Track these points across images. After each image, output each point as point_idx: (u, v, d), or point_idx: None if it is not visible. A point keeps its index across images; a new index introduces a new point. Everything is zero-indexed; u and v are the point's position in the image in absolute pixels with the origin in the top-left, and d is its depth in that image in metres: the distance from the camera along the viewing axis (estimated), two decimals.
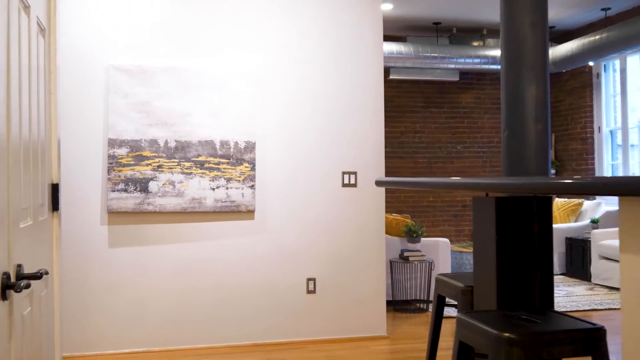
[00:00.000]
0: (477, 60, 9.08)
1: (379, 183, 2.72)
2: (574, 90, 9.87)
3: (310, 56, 4.96)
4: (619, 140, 9.75)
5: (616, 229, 7.57)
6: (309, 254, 4.92)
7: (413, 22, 9.00)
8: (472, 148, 10.28)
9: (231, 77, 4.79)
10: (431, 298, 6.21)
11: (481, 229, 2.17)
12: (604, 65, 9.50)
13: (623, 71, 9.07)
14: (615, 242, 7.19)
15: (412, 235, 6.04)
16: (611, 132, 9.53)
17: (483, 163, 10.32)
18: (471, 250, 7.29)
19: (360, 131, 5.02)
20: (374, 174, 5.03)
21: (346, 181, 4.98)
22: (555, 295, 6.79)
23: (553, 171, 10.16)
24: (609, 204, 8.91)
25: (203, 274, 4.74)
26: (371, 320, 5.02)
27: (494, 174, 10.37)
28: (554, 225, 8.31)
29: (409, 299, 6.15)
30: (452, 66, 9.08)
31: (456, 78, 9.49)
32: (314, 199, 4.93)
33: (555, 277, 7.98)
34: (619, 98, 9.31)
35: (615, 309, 6.10)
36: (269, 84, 4.89)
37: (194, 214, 4.73)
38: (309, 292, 4.91)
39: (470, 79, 10.18)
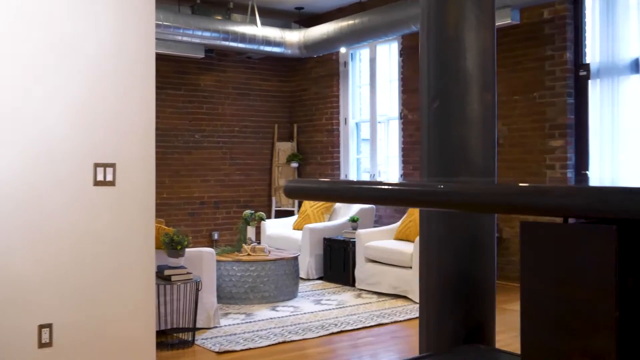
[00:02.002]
0: (225, 36, 7.90)
1: (291, 191, 1.36)
2: (320, 78, 9.24)
3: (57, 5, 3.29)
4: (363, 133, 9.37)
5: (382, 229, 7.01)
6: (43, 288, 3.25)
7: None
8: (211, 138, 9.08)
9: None
10: (198, 325, 4.88)
11: (557, 287, 1.00)
12: (351, 54, 9.01)
13: (372, 61, 8.64)
14: (383, 244, 6.59)
15: (174, 247, 4.63)
16: (357, 124, 9.10)
17: (223, 155, 9.19)
18: (231, 258, 6.09)
19: (122, 109, 3.49)
20: (140, 167, 3.55)
21: (100, 177, 3.42)
22: (327, 306, 5.92)
23: (296, 165, 9.44)
24: None
25: None
26: None
27: (235, 168, 9.29)
28: (309, 226, 7.50)
29: (167, 327, 4.74)
30: (197, 40, 7.77)
31: (202, 55, 8.18)
32: (52, 203, 3.28)
33: (313, 282, 7.17)
34: (365, 89, 8.89)
35: (400, 321, 5.42)
36: None
37: None
38: (42, 345, 3.25)
39: (212, 59, 8.96)
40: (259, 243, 6.56)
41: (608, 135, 6.03)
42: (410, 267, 6.18)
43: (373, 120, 8.65)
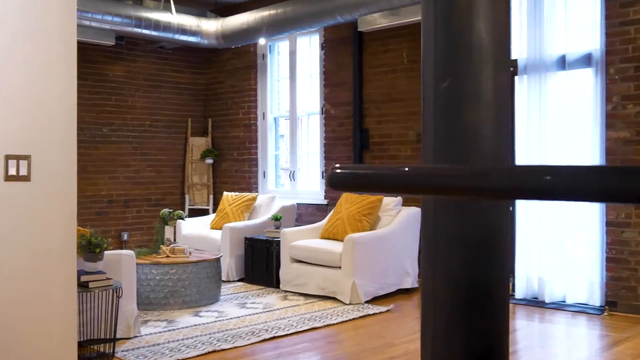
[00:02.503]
0: (138, 23, 7.38)
1: (340, 180, 1.01)
2: (237, 71, 8.86)
3: None
4: (282, 129, 9.08)
5: (307, 228, 6.73)
6: None
7: None
8: (120, 132, 8.52)
9: None
10: (117, 335, 4.42)
11: None
12: (270, 47, 8.69)
13: (292, 54, 8.36)
14: (310, 243, 6.32)
15: (93, 250, 4.17)
16: (275, 119, 8.79)
17: (133, 150, 8.63)
18: (148, 260, 5.65)
19: (38, 93, 3.03)
20: (59, 159, 3.10)
21: (12, 171, 2.95)
22: (253, 310, 5.59)
23: (211, 161, 9.02)
24: (283, 198, 8.11)
25: None
26: None
27: (146, 164, 8.76)
28: (229, 225, 7.13)
29: (85, 339, 4.27)
30: (107, 26, 7.22)
31: (112, 42, 7.63)
32: None
33: (234, 284, 6.81)
34: (284, 83, 8.60)
35: (333, 324, 5.16)
36: None
37: None
38: None
39: (121, 47, 8.39)
40: (177, 244, 6.14)
41: (535, 131, 6.03)
42: (339, 267, 5.94)
43: (293, 115, 8.37)
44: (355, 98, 7.42)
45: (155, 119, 8.81)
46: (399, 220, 6.30)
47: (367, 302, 5.87)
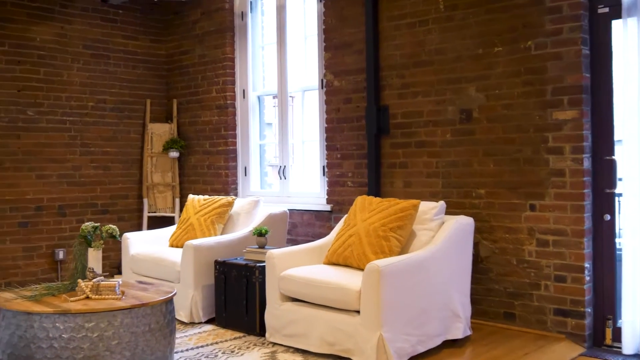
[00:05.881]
0: None
1: None
2: (208, 36, 6.73)
3: None
4: (268, 111, 6.99)
5: (304, 248, 4.60)
6: None
7: None
8: (52, 115, 6.37)
9: None
10: None
11: None
12: (251, 3, 6.58)
13: (281, 10, 6.24)
14: (311, 273, 4.18)
15: None
16: (259, 98, 6.67)
17: (71, 140, 6.49)
18: (51, 307, 3.51)
19: None
20: None
21: None
22: None
23: (176, 154, 6.90)
24: (270, 202, 5.98)
25: None
26: None
27: (89, 159, 6.61)
28: (193, 242, 4.99)
29: None
30: None
31: None
32: None
33: (200, 329, 4.69)
34: (272, 50, 6.49)
35: None
36: None
37: None
38: None
39: (50, 2, 6.26)
40: (112, 275, 3.99)
41: None
42: (357, 312, 3.83)
43: (282, 93, 6.24)
44: (369, 63, 5.31)
45: (100, 99, 6.68)
46: (444, 236, 4.19)
47: None
